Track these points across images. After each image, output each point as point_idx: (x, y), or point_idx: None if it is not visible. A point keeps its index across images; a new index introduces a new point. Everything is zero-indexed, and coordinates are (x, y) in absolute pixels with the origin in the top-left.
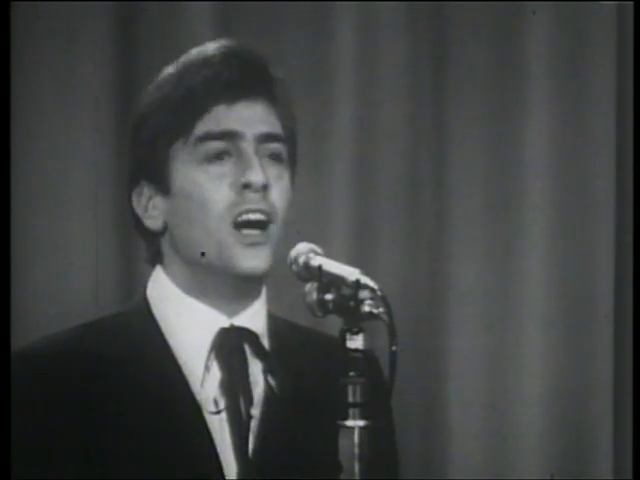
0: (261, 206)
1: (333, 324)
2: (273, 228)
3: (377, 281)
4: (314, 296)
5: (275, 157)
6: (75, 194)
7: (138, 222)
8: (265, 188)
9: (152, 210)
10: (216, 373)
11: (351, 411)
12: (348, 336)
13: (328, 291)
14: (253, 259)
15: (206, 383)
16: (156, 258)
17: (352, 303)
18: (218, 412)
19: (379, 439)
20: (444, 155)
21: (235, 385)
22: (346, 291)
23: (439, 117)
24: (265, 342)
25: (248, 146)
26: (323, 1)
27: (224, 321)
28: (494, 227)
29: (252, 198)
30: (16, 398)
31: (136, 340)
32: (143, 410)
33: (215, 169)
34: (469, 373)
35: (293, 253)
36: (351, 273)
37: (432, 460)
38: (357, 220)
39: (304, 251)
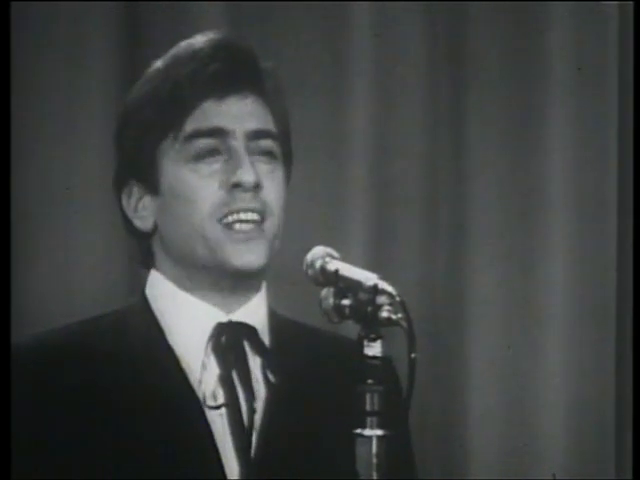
0: (253, 205)
1: (350, 331)
2: (267, 224)
3: (395, 286)
4: (330, 301)
5: (267, 154)
6: (75, 194)
7: (128, 223)
8: (257, 187)
9: (142, 210)
10: (213, 369)
11: (369, 420)
12: (366, 343)
13: (345, 296)
14: (246, 255)
15: (203, 379)
16: (148, 260)
17: (370, 309)
18: (217, 407)
19: (396, 448)
20: (463, 158)
21: (233, 381)
22: (363, 296)
23: (458, 120)
24: (265, 338)
25: (238, 144)
26: (339, 1)
27: (222, 317)
28: (513, 232)
29: (243, 197)
30: (13, 394)
31: (134, 336)
32: (142, 407)
33: (205, 167)
34: (488, 380)
35: (309, 257)
36: (369, 278)
37: (451, 465)
38: (375, 224)
39: (320, 255)
